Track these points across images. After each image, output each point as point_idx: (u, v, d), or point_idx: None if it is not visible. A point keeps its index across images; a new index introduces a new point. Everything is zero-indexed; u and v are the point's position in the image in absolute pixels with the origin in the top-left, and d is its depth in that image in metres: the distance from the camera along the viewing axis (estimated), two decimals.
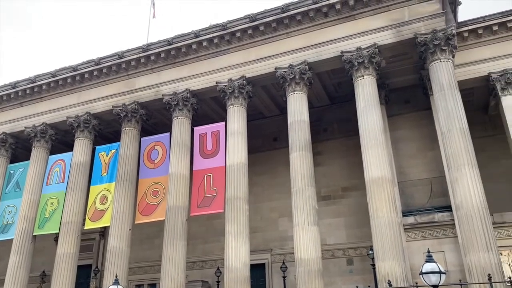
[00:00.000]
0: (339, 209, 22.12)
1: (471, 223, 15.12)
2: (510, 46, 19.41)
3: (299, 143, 18.59)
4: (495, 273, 14.21)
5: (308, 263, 16.54)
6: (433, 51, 17.57)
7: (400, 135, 20.91)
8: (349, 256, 21.01)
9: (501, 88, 19.20)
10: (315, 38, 19.63)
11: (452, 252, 17.29)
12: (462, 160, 15.96)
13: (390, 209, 16.24)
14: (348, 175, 22.25)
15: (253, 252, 19.67)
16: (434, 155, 19.63)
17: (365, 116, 17.88)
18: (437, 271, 9.26)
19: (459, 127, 16.44)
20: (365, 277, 20.06)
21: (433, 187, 19.45)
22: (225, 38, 20.89)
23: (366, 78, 18.38)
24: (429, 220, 18.03)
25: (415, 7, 18.13)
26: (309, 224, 17.17)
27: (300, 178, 18.00)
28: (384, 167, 16.92)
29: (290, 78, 19.41)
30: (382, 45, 18.28)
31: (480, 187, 15.61)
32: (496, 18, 19.35)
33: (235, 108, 20.25)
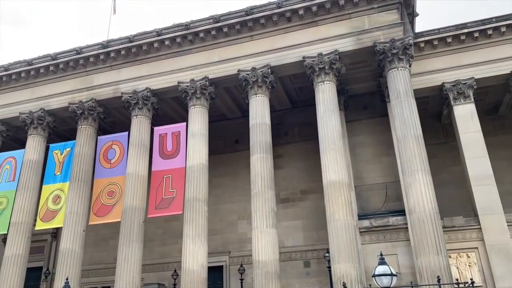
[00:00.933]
0: (298, 211, 22.38)
1: (423, 227, 15.69)
2: (463, 57, 20.27)
3: (260, 146, 18.66)
4: (444, 275, 14.79)
5: (266, 265, 16.62)
6: (391, 60, 18.14)
7: (358, 140, 21.42)
8: (306, 258, 21.28)
9: (453, 97, 20.04)
10: (278, 42, 19.81)
11: (404, 255, 17.84)
12: (415, 166, 16.54)
13: (347, 213, 16.60)
14: (307, 179, 22.56)
15: (211, 254, 19.56)
16: (390, 161, 20.22)
17: (325, 121, 18.20)
18: (388, 274, 9.55)
19: (414, 134, 17.04)
20: (321, 279, 20.40)
21: (388, 191, 20.03)
22: (188, 38, 20.70)
23: (327, 83, 18.73)
24: (384, 223, 18.55)
25: (375, 16, 18.67)
26: (267, 226, 17.26)
27: (260, 180, 18.07)
28: (341, 171, 17.28)
29: (253, 81, 19.48)
30: (342, 52, 18.68)
31: (432, 192, 16.23)
32: (450, 31, 20.21)
33: (197, 109, 20.08)
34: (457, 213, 18.77)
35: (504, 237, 17.35)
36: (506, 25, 19.59)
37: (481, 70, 19.98)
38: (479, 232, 17.80)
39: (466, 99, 19.83)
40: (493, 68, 19.86)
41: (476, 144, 18.99)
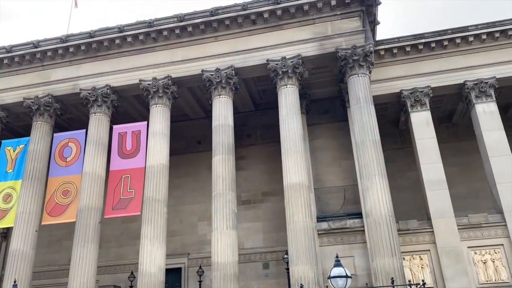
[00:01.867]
0: (258, 213, 22.47)
1: (379, 229, 16.12)
2: (420, 66, 21.02)
3: (222, 147, 18.60)
4: (397, 277, 15.23)
5: (225, 267, 16.56)
6: (352, 66, 18.55)
7: (319, 144, 21.76)
8: (265, 260, 21.39)
9: (410, 104, 20.74)
10: (243, 44, 19.84)
11: (361, 257, 18.25)
12: (373, 170, 16.98)
13: (306, 215, 16.82)
14: (269, 180, 22.70)
15: (170, 256, 19.32)
16: (348, 164, 20.65)
17: (287, 124, 18.39)
18: (343, 276, 9.74)
19: (372, 139, 17.49)
20: (279, 281, 20.54)
21: (347, 194, 20.46)
22: (151, 36, 20.37)
23: (289, 87, 18.92)
24: (341, 226, 18.92)
25: (338, 22, 19.04)
26: (227, 228, 17.21)
27: (221, 182, 18.01)
28: (302, 174, 17.50)
29: (217, 81, 19.40)
30: (305, 57, 18.94)
31: (388, 196, 16.71)
32: (409, 40, 20.92)
33: (159, 108, 19.78)
34: (412, 216, 19.38)
35: (455, 240, 18.08)
36: (461, 37, 20.48)
37: (437, 79, 20.79)
38: (431, 235, 18.47)
39: (423, 107, 20.57)
40: (448, 77, 20.73)
41: (430, 150, 19.73)
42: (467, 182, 22.21)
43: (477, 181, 21.54)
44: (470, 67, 20.47)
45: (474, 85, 20.18)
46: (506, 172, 18.61)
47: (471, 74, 20.37)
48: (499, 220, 18.17)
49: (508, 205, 18.13)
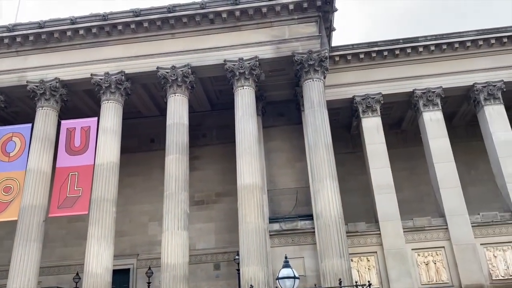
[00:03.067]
0: (211, 214, 22.33)
1: (328, 231, 16.45)
2: (373, 73, 21.69)
3: (176, 146, 18.33)
4: (345, 278, 15.60)
5: (175, 268, 16.31)
6: (307, 70, 18.85)
7: (273, 145, 21.92)
8: (216, 261, 21.28)
9: (362, 110, 21.36)
10: (200, 43, 19.67)
11: (311, 258, 18.50)
12: (324, 173, 17.32)
13: (258, 216, 16.88)
14: (223, 181, 22.61)
15: (118, 257, 18.86)
16: (301, 167, 20.92)
17: (242, 125, 18.40)
18: (292, 276, 9.85)
19: (324, 142, 17.84)
20: (230, 282, 20.51)
21: (299, 196, 20.71)
22: (105, 30, 19.76)
23: (246, 88, 18.95)
24: (293, 227, 19.13)
25: (295, 27, 19.30)
26: (179, 229, 16.97)
27: (174, 181, 17.74)
28: (256, 175, 17.55)
29: (172, 79, 19.11)
30: (263, 59, 19.03)
31: (338, 199, 17.09)
32: (363, 48, 21.56)
33: (110, 104, 19.21)
34: (361, 219, 19.90)
35: (400, 242, 18.74)
36: (411, 47, 21.35)
37: (388, 86, 21.55)
38: (378, 237, 19.05)
39: (374, 113, 21.24)
40: (398, 85, 21.53)
41: (380, 155, 20.40)
42: (413, 187, 23.18)
43: (423, 186, 22.49)
44: (419, 76, 21.37)
45: (422, 94, 21.08)
46: (449, 178, 19.56)
47: (420, 83, 21.27)
48: (441, 224, 19.03)
49: (450, 209, 19.05)
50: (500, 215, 18.96)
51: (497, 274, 18.16)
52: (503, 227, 18.76)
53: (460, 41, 21.14)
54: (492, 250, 18.52)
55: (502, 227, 18.75)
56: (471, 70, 21.13)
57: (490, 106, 20.64)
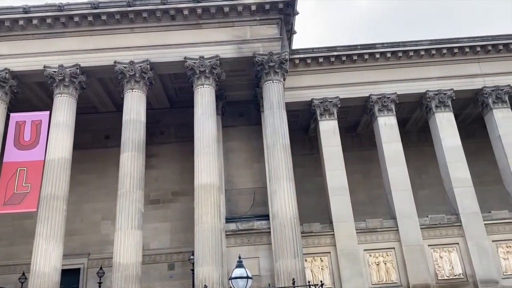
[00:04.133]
0: (167, 213, 22.00)
1: (284, 231, 16.61)
2: (331, 77, 22.11)
3: (132, 143, 17.92)
4: (298, 278, 15.79)
5: (127, 268, 15.93)
6: (267, 72, 18.97)
7: (232, 145, 21.90)
8: (171, 261, 20.99)
9: (320, 113, 21.74)
10: (161, 39, 19.34)
11: (266, 258, 18.59)
12: (281, 174, 17.48)
13: (215, 216, 16.80)
14: (180, 180, 22.33)
15: (68, 256, 18.26)
16: (260, 167, 21.03)
17: (201, 124, 18.26)
18: (244, 276, 9.87)
19: (282, 143, 18.02)
20: (184, 282, 20.29)
21: (256, 196, 20.80)
22: (61, 21, 19.03)
23: (206, 87, 18.82)
24: (249, 227, 19.18)
25: (257, 28, 19.37)
26: (132, 228, 16.59)
27: (129, 179, 17.33)
28: (213, 175, 17.46)
29: (130, 75, 18.67)
30: (224, 58, 18.97)
31: (294, 199, 17.29)
32: (322, 52, 21.96)
33: (64, 97, 18.52)
34: (316, 219, 20.25)
35: (353, 243, 19.23)
36: (368, 53, 21.96)
37: (346, 90, 22.06)
38: (332, 238, 19.43)
39: (331, 116, 21.68)
40: (355, 90, 22.09)
41: (336, 157, 20.85)
42: (367, 189, 23.85)
43: (376, 189, 23.17)
44: (375, 82, 22.02)
45: (378, 99, 21.73)
46: (401, 181, 20.26)
47: (375, 88, 21.91)
48: (392, 225, 19.68)
49: (401, 211, 19.74)
50: (447, 218, 19.84)
51: (442, 274, 18.99)
52: (449, 229, 19.65)
53: (414, 49, 21.97)
54: (439, 251, 19.36)
55: (448, 229, 19.65)
56: (424, 78, 22.02)
57: (440, 113, 21.57)
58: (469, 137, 23.61)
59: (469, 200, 19.85)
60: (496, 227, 19.61)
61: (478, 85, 21.93)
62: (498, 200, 21.27)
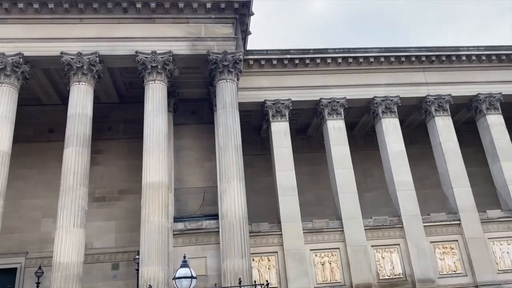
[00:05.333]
0: (113, 212, 21.33)
1: (232, 231, 16.62)
2: (284, 80, 22.36)
3: (77, 138, 17.22)
4: (245, 277, 15.86)
5: (67, 267, 15.30)
6: (221, 71, 18.89)
7: (183, 144, 21.60)
8: (115, 260, 20.36)
9: (272, 114, 21.95)
10: (112, 31, 18.75)
11: (213, 257, 18.45)
12: (232, 174, 17.48)
13: (162, 215, 16.50)
14: (127, 178, 21.73)
15: (4, 255, 17.36)
16: (210, 166, 20.89)
17: (152, 120, 17.88)
18: (189, 276, 9.75)
19: (234, 143, 18.01)
20: (128, 282, 19.77)
21: (206, 196, 20.64)
22: (3, 6, 17.98)
23: (158, 83, 18.44)
24: (198, 227, 18.99)
25: (211, 26, 19.24)
26: (75, 226, 15.95)
27: (72, 176, 16.64)
28: (162, 173, 17.14)
29: (78, 67, 17.95)
30: (177, 55, 18.68)
31: (244, 199, 17.34)
32: (276, 54, 22.19)
33: (4, 87, 17.49)
34: (266, 219, 20.41)
35: (300, 243, 19.54)
36: (320, 58, 22.42)
37: (298, 93, 22.40)
38: (280, 237, 19.64)
39: (283, 118, 21.94)
40: (307, 93, 22.49)
41: (286, 158, 21.12)
42: (315, 190, 24.38)
43: (324, 190, 23.71)
44: (326, 86, 22.52)
45: (328, 103, 22.24)
46: (347, 183, 20.86)
47: (326, 92, 22.41)
48: (338, 226, 20.21)
49: (346, 212, 20.31)
50: (389, 220, 20.65)
51: (383, 274, 19.73)
52: (391, 230, 20.47)
53: (364, 56, 22.70)
54: (381, 252, 20.10)
55: (391, 230, 20.45)
56: (373, 84, 22.80)
57: (387, 119, 22.42)
58: (412, 142, 24.79)
59: (411, 203, 20.78)
60: (434, 229, 20.65)
61: (422, 93, 23.02)
62: (437, 203, 22.38)
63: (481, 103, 23.13)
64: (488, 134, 22.90)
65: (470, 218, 20.77)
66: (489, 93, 23.11)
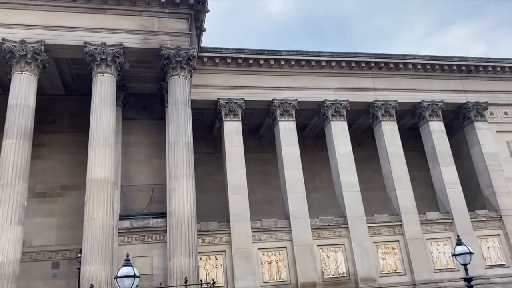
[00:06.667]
0: (55, 208, 20.37)
1: (180, 229, 16.42)
2: (238, 79, 22.43)
3: (17, 130, 16.35)
4: (191, 276, 15.71)
5: (2, 266, 14.48)
6: (174, 67, 18.60)
7: (132, 139, 21.00)
8: (56, 259, 19.44)
9: (225, 113, 21.90)
10: (59, 20, 17.96)
11: (160, 256, 18.11)
12: (182, 172, 17.25)
13: (107, 212, 16.01)
14: (72, 173, 20.81)
15: None
16: (160, 164, 20.46)
17: (99, 114, 17.30)
18: (131, 275, 9.50)
19: (185, 140, 17.79)
20: (69, 282, 18.96)
21: (155, 193, 20.22)
22: None
23: (107, 76, 17.88)
24: (144, 225, 18.58)
25: (165, 20, 18.90)
26: (12, 223, 15.13)
27: (11, 170, 15.78)
28: (109, 169, 16.63)
29: (21, 55, 17.03)
30: (128, 47, 18.19)
31: (193, 198, 17.16)
32: (231, 53, 22.16)
33: None
34: (216, 218, 20.33)
35: (248, 242, 19.64)
36: (274, 59, 22.67)
37: (251, 93, 22.51)
38: (228, 236, 19.66)
39: (235, 117, 21.95)
40: (260, 93, 22.64)
41: (237, 157, 21.15)
42: (265, 190, 24.57)
43: (274, 189, 23.93)
44: (279, 87, 22.80)
45: (280, 104, 22.50)
46: (296, 183, 21.22)
47: (279, 93, 22.68)
48: (286, 225, 20.50)
49: (294, 212, 20.64)
50: (335, 220, 21.21)
51: (328, 273, 20.25)
52: (337, 230, 21.03)
53: (317, 60, 23.18)
54: (326, 251, 20.61)
55: (336, 230, 21.02)
56: (324, 87, 23.33)
57: (336, 122, 23.02)
58: (359, 145, 25.59)
59: (356, 204, 21.46)
60: (377, 229, 21.45)
61: (371, 98, 23.83)
62: (381, 205, 23.24)
63: (425, 110, 24.28)
64: (430, 140, 24.08)
65: (411, 220, 21.76)
66: (432, 101, 24.31)
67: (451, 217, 22.31)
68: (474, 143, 24.63)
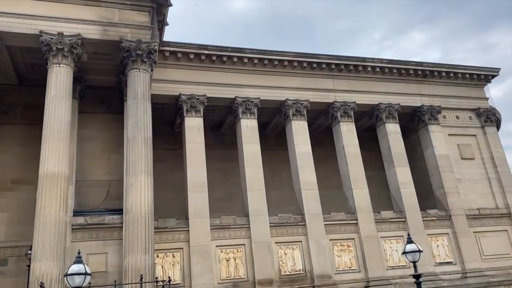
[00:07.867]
0: (4, 203, 19.45)
1: (136, 226, 16.12)
2: (200, 75, 22.22)
3: None
4: (147, 274, 15.47)
5: None
6: (134, 60, 18.21)
7: (88, 133, 20.39)
8: (4, 256, 18.58)
9: (186, 109, 21.67)
10: (12, 6, 17.18)
11: (115, 253, 17.69)
12: (140, 168, 16.93)
13: (60, 208, 15.50)
14: (23, 167, 19.97)
15: None
16: (117, 159, 19.96)
17: (53, 106, 16.71)
18: (82, 273, 9.25)
19: (144, 136, 17.47)
20: (18, 280, 18.20)
21: (111, 189, 19.72)
22: None
23: (63, 67, 17.28)
24: (99, 221, 18.11)
25: (126, 12, 18.48)
26: None
27: None
28: (63, 163, 16.10)
29: None
30: (86, 38, 17.66)
31: (151, 194, 16.89)
32: (194, 48, 21.95)
33: None
34: (175, 215, 20.12)
35: (206, 239, 19.57)
36: (237, 57, 22.66)
37: (213, 90, 22.39)
38: (187, 234, 19.50)
39: (197, 113, 21.77)
40: (222, 90, 22.58)
41: (198, 154, 21.01)
42: (226, 187, 24.52)
43: (235, 187, 23.92)
44: (241, 85, 22.81)
45: (242, 102, 22.53)
46: (256, 181, 21.34)
47: (241, 91, 22.70)
48: (244, 223, 20.58)
49: (253, 210, 20.76)
50: (293, 217, 21.50)
51: (285, 269, 20.51)
52: (295, 228, 21.33)
53: (279, 59, 23.37)
54: (284, 248, 20.87)
55: (294, 228, 21.31)
56: (286, 87, 23.56)
57: (296, 121, 23.31)
58: (319, 145, 25.99)
59: (314, 202, 21.84)
60: (333, 227, 21.92)
61: (330, 99, 24.29)
62: (338, 204, 23.75)
63: (382, 112, 25.02)
64: (386, 141, 24.85)
65: (366, 218, 22.39)
66: (389, 103, 25.08)
67: (404, 216, 23.13)
68: (428, 145, 25.63)
